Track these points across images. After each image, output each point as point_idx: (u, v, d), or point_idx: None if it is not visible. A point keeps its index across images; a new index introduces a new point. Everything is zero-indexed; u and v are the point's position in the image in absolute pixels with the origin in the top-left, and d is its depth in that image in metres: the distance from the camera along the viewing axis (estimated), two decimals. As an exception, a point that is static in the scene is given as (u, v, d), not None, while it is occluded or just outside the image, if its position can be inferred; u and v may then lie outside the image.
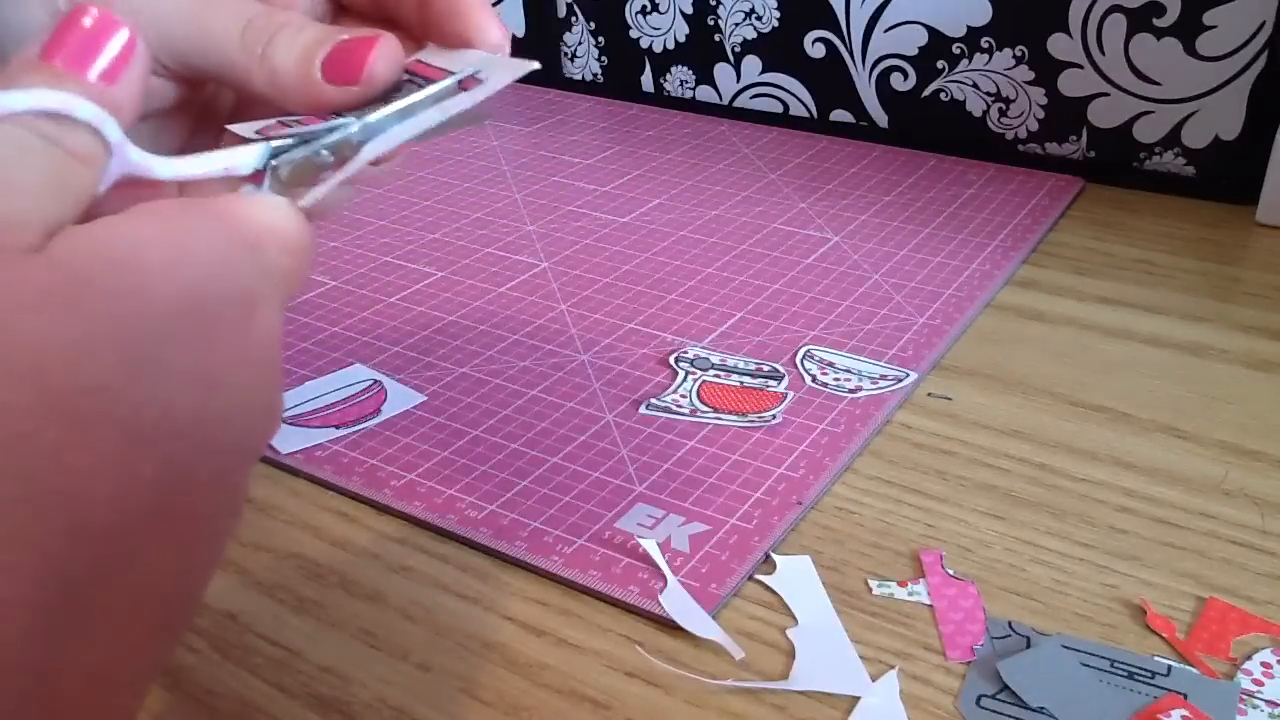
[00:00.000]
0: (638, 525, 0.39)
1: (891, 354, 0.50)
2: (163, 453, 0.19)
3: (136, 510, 0.19)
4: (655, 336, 0.52)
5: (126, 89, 0.23)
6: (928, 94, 0.74)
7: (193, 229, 0.22)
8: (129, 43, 0.23)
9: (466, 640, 0.35)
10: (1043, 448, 0.44)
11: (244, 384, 0.21)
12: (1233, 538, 0.39)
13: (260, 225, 0.23)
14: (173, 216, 0.22)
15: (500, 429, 0.45)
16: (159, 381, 0.19)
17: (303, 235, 0.24)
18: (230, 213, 0.23)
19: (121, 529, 0.19)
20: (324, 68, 0.27)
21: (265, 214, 0.23)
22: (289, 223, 0.24)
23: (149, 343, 0.19)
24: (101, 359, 0.19)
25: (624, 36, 0.85)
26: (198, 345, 0.20)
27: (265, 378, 0.22)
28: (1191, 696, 0.32)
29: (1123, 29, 0.66)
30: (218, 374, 0.20)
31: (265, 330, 0.22)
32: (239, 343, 0.21)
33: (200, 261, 0.21)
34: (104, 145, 0.22)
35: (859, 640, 0.35)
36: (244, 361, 0.21)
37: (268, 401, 0.22)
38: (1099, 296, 0.56)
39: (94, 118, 0.21)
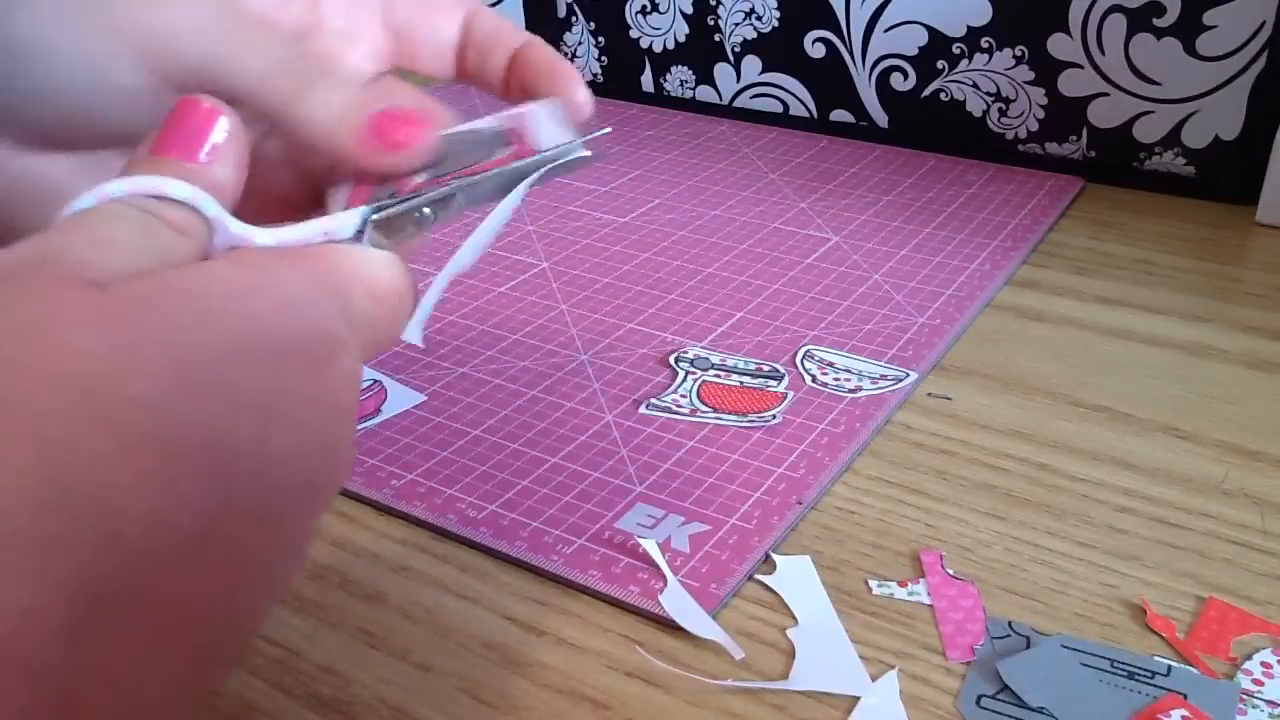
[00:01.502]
0: (638, 525, 0.39)
1: (891, 354, 0.50)
2: (210, 477, 0.19)
3: (175, 531, 0.19)
4: (655, 336, 0.52)
5: (226, 168, 0.24)
6: (928, 94, 0.74)
7: (270, 269, 0.22)
8: (228, 127, 0.24)
9: (466, 640, 0.35)
10: (1043, 448, 0.44)
11: (310, 424, 0.21)
12: (1233, 538, 0.39)
13: (347, 272, 0.23)
14: (251, 258, 0.23)
15: (500, 429, 0.45)
16: (213, 406, 0.19)
17: (395, 285, 0.24)
18: (316, 258, 0.23)
19: (157, 548, 0.18)
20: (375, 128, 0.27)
21: (354, 262, 0.24)
22: (380, 272, 0.24)
23: (206, 367, 0.19)
24: (150, 376, 0.19)
25: (624, 36, 0.85)
26: (261, 377, 0.20)
27: (335, 421, 0.22)
28: (1191, 696, 0.32)
29: (1123, 29, 0.66)
30: (281, 409, 0.20)
31: (342, 375, 0.22)
32: (309, 382, 0.21)
33: (273, 298, 0.21)
34: (202, 220, 0.23)
35: (859, 640, 0.35)
36: (312, 402, 0.21)
37: (335, 446, 0.22)
38: (1099, 296, 0.56)
39: (188, 195, 0.22)
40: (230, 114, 0.24)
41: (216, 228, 0.23)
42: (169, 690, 0.20)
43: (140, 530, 0.18)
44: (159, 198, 0.22)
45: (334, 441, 0.22)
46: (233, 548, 0.20)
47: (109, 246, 0.21)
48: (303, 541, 0.22)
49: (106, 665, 0.18)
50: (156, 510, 0.18)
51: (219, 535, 0.19)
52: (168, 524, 0.18)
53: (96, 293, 0.19)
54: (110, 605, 0.18)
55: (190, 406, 0.19)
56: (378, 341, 0.24)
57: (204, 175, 0.23)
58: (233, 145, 0.24)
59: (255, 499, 0.20)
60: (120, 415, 0.18)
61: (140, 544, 0.18)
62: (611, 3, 0.85)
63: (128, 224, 0.21)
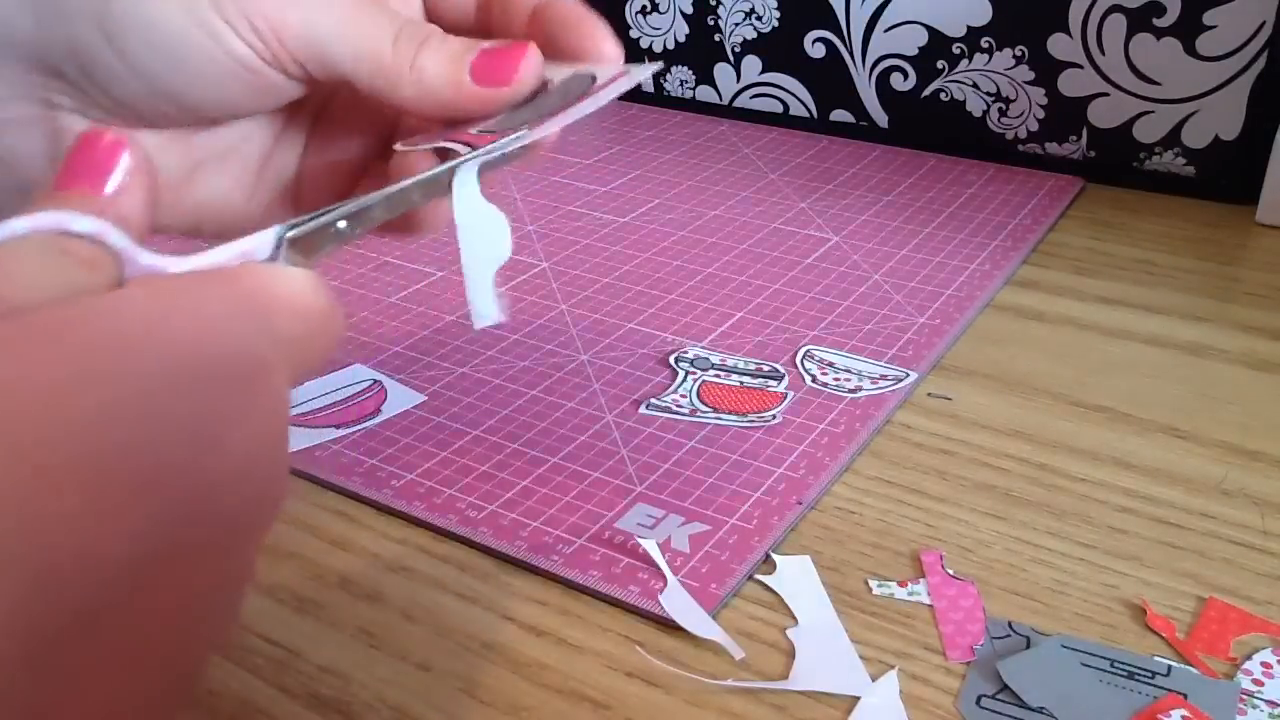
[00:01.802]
0: (638, 525, 0.39)
1: (891, 354, 0.50)
2: (145, 507, 0.18)
3: (113, 564, 0.18)
4: (655, 336, 0.52)
5: (132, 200, 0.24)
6: (928, 94, 0.74)
7: (187, 291, 0.22)
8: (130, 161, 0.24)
9: (466, 640, 0.35)
10: (1043, 448, 0.44)
11: (246, 447, 0.20)
12: (1233, 538, 0.39)
13: (267, 291, 0.23)
14: (166, 282, 0.22)
15: (500, 429, 0.45)
16: (143, 434, 0.19)
17: (318, 303, 0.24)
18: (232, 279, 0.23)
19: (93, 583, 0.18)
20: (473, 71, 0.28)
21: (274, 281, 0.23)
22: (303, 291, 0.23)
23: (129, 393, 0.19)
24: (75, 407, 0.18)
25: (624, 36, 0.85)
26: (187, 400, 0.20)
27: (270, 443, 0.21)
28: (1191, 696, 0.32)
29: (1123, 29, 0.66)
30: (211, 431, 0.20)
31: (271, 395, 0.21)
32: (237, 403, 0.20)
33: (192, 319, 0.21)
34: (109, 253, 0.22)
35: (859, 640, 0.35)
36: (242, 423, 0.20)
37: (273, 468, 0.21)
38: (1099, 296, 0.56)
39: (93, 229, 0.22)
40: (135, 145, 0.24)
41: (126, 260, 0.22)
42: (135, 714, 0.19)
43: (73, 566, 0.17)
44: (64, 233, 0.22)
45: (269, 461, 0.21)
46: (173, 578, 0.19)
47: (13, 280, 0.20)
48: (243, 570, 0.22)
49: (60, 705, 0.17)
50: (89, 545, 0.18)
51: (158, 566, 0.19)
52: (103, 556, 0.18)
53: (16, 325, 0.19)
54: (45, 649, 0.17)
55: (120, 436, 0.18)
56: (307, 360, 0.24)
57: (111, 207, 0.23)
58: (139, 177, 0.24)
59: (194, 524, 0.19)
60: (47, 450, 0.18)
61: (74, 580, 0.17)
62: (611, 3, 0.85)
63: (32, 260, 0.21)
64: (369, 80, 0.29)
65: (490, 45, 0.29)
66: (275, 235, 0.25)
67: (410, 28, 0.29)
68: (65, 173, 0.23)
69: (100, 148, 0.24)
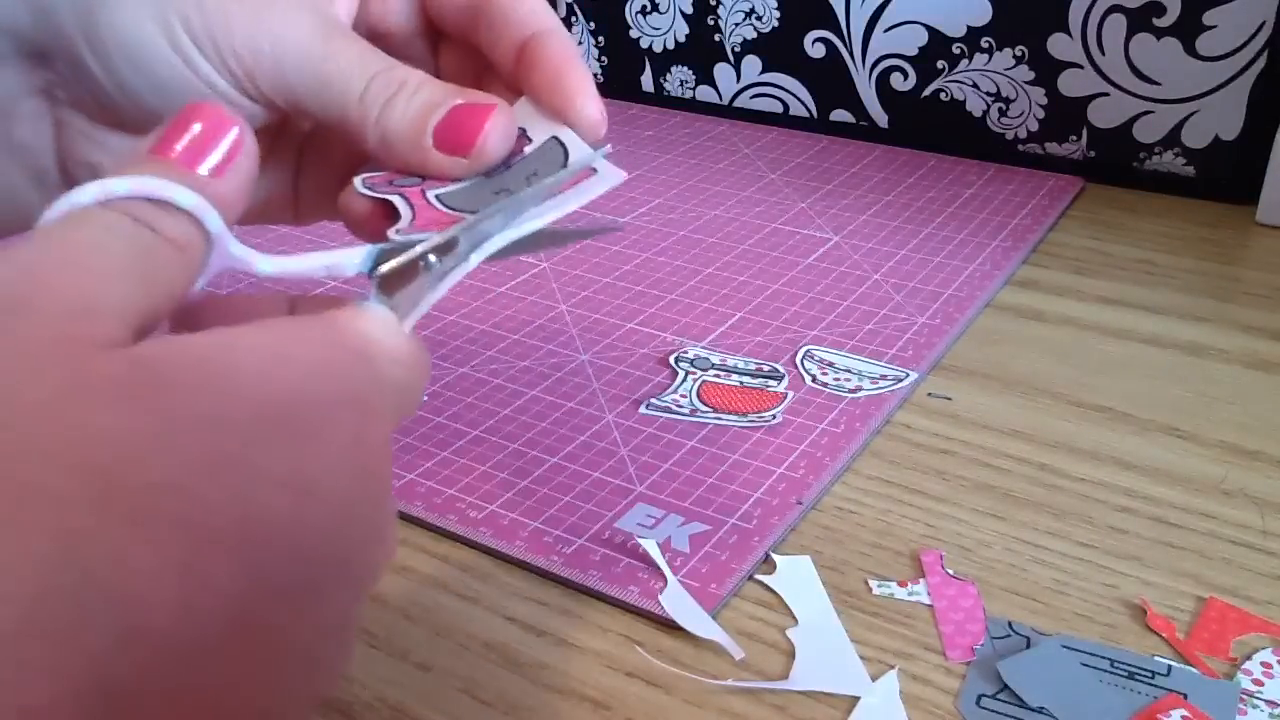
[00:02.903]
0: (638, 525, 0.39)
1: (891, 354, 0.50)
2: (243, 560, 0.18)
3: (204, 620, 0.17)
4: (655, 336, 0.52)
5: (232, 184, 0.23)
6: (928, 94, 0.74)
7: (295, 336, 0.21)
8: (237, 140, 0.23)
9: (466, 640, 0.35)
10: (1043, 448, 0.44)
11: (349, 495, 0.20)
12: (1233, 538, 0.39)
13: (369, 335, 0.22)
14: (274, 324, 0.21)
15: (500, 429, 0.45)
16: (244, 484, 0.18)
17: (413, 347, 0.23)
18: (337, 322, 0.22)
19: (183, 636, 0.17)
20: (436, 135, 0.27)
21: (372, 325, 0.23)
22: (399, 335, 0.23)
23: (234, 444, 0.18)
24: (174, 456, 0.18)
25: (624, 36, 0.85)
26: (295, 449, 0.19)
27: (374, 491, 0.21)
28: (1191, 696, 0.32)
29: (1123, 29, 0.66)
30: (316, 482, 0.19)
31: (376, 443, 0.21)
32: (346, 451, 0.20)
33: (302, 366, 0.20)
34: (203, 234, 0.22)
35: (859, 640, 0.35)
36: (348, 473, 0.20)
37: (376, 518, 0.21)
38: (1099, 296, 0.56)
39: (194, 205, 0.21)
40: (244, 125, 0.23)
41: (216, 246, 0.22)
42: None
43: (166, 621, 0.17)
44: (160, 202, 0.21)
45: (372, 514, 0.21)
46: (268, 635, 0.18)
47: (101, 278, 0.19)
48: (344, 626, 0.21)
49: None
50: (184, 599, 0.17)
51: (252, 622, 0.18)
52: (196, 613, 0.17)
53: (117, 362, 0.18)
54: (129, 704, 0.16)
55: (219, 487, 0.18)
56: (405, 405, 0.23)
57: (210, 187, 0.22)
58: (244, 160, 0.23)
59: (290, 581, 0.19)
60: (145, 501, 0.17)
61: (164, 636, 0.17)
62: (611, 3, 0.85)
63: (120, 243, 0.20)
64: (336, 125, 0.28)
65: (461, 102, 0.28)
66: (363, 256, 0.24)
67: (382, 78, 0.28)
68: (165, 140, 0.22)
69: (209, 120, 0.23)
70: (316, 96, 0.28)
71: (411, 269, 0.25)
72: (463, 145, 0.27)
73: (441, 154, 0.27)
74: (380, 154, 0.28)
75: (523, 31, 0.30)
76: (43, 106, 0.29)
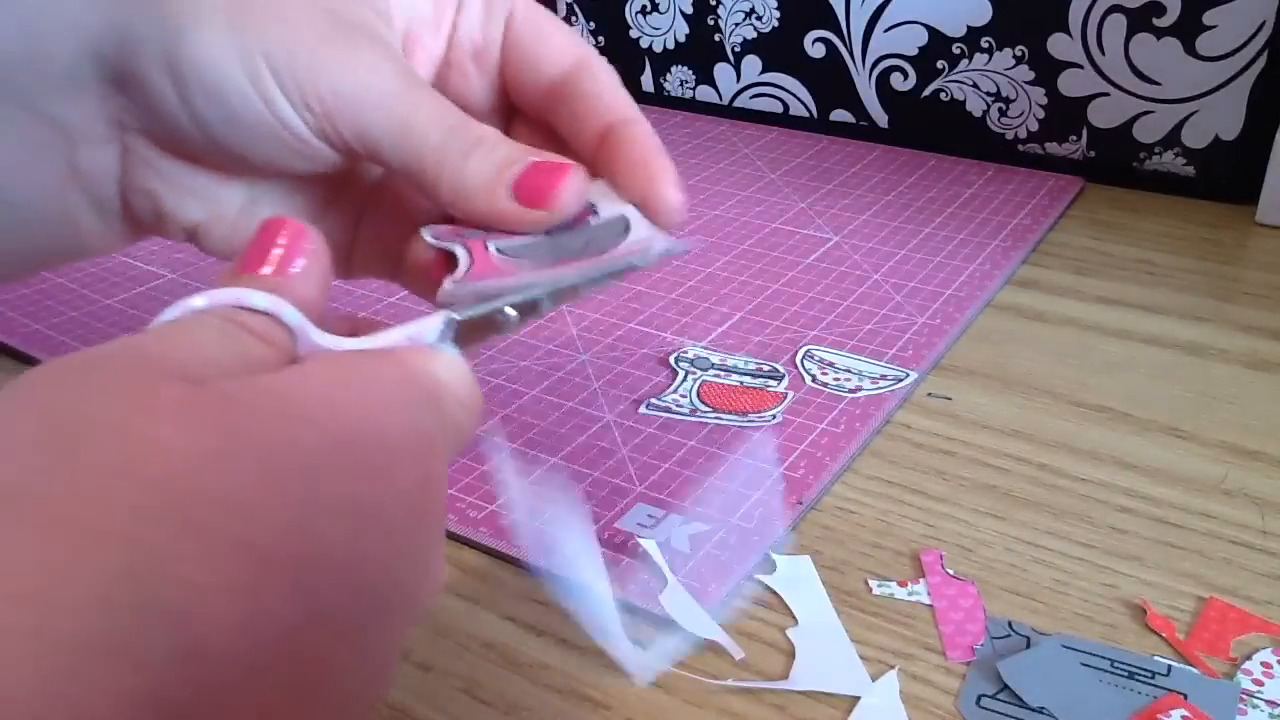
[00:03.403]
0: (638, 525, 0.39)
1: (891, 354, 0.50)
2: (298, 583, 0.18)
3: (257, 641, 0.17)
4: (655, 336, 0.52)
5: (308, 282, 0.24)
6: (928, 94, 0.74)
7: (369, 372, 0.22)
8: (313, 246, 0.24)
9: (466, 640, 0.35)
10: (1043, 448, 0.44)
11: (402, 530, 0.20)
12: (1233, 538, 0.39)
13: (439, 376, 0.23)
14: (343, 358, 0.22)
15: (500, 429, 0.45)
16: (305, 509, 0.18)
17: (476, 391, 0.24)
18: (407, 361, 0.23)
19: (237, 658, 0.17)
20: (514, 188, 0.28)
21: (443, 367, 0.24)
22: (461, 376, 0.24)
23: (296, 469, 0.19)
24: (236, 476, 0.18)
25: (624, 36, 0.85)
26: (359, 482, 0.19)
27: (427, 528, 0.21)
28: (1191, 696, 0.32)
29: (1123, 29, 0.66)
30: (375, 514, 0.20)
31: (435, 477, 0.21)
32: (404, 486, 0.20)
33: (374, 402, 0.21)
34: (283, 329, 0.23)
35: (859, 640, 0.35)
36: (406, 507, 0.20)
37: (425, 555, 0.21)
38: (1099, 296, 0.56)
39: (269, 305, 0.22)
40: (316, 233, 0.25)
41: (299, 336, 0.23)
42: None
43: (222, 641, 0.17)
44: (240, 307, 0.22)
45: (424, 550, 0.21)
46: (318, 663, 0.19)
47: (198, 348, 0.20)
48: (387, 658, 0.21)
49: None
50: (241, 620, 0.17)
51: (301, 649, 0.18)
52: (250, 635, 0.17)
53: (189, 388, 0.19)
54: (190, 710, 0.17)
55: (281, 511, 0.18)
56: (462, 443, 0.24)
57: (288, 288, 0.23)
58: (318, 263, 0.24)
59: (343, 611, 0.19)
60: (209, 518, 0.17)
61: (218, 654, 0.17)
62: (611, 3, 0.85)
63: (212, 331, 0.21)
64: (411, 176, 0.29)
65: (539, 159, 0.28)
66: (443, 321, 0.25)
67: (461, 130, 0.28)
68: (247, 257, 0.24)
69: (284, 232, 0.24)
70: (394, 142, 0.28)
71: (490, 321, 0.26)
72: (539, 198, 0.28)
73: (516, 205, 0.28)
74: (453, 203, 0.29)
75: (607, 118, 0.31)
76: (113, 133, 0.29)
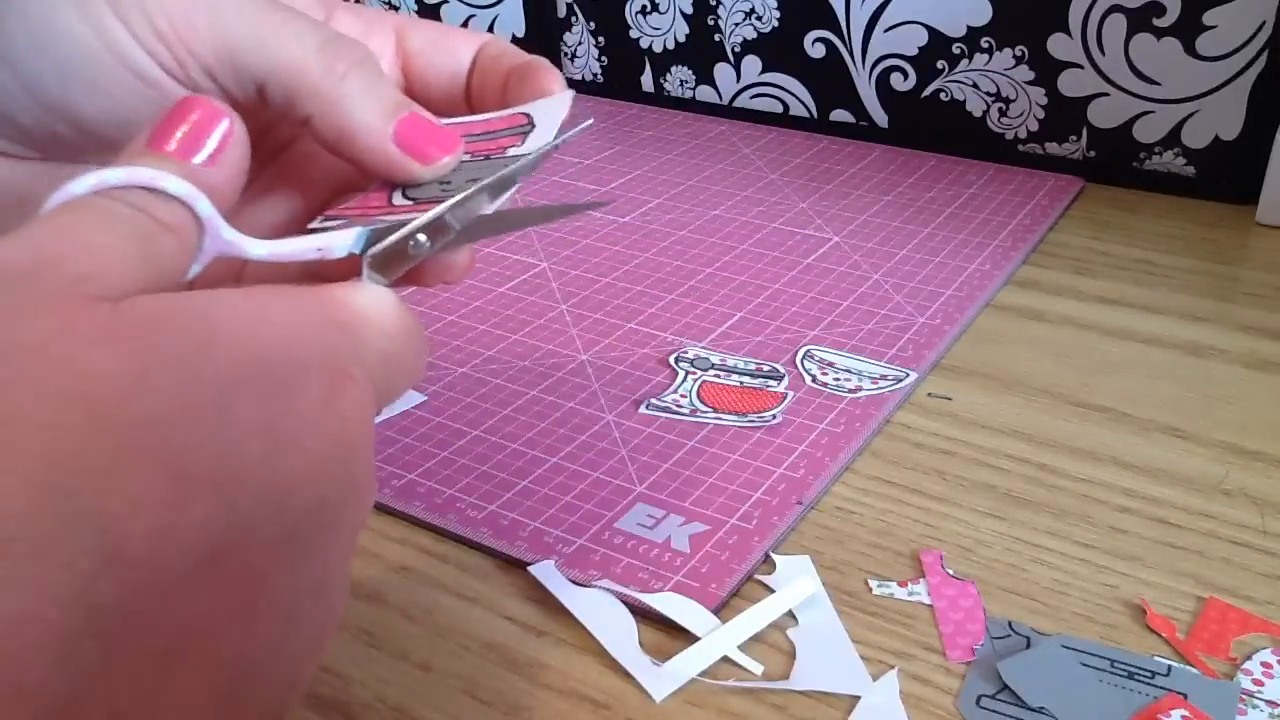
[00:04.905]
0: (638, 525, 0.39)
1: (891, 354, 0.50)
2: (219, 498, 0.19)
3: (181, 550, 0.18)
4: (655, 336, 0.52)
5: (224, 172, 0.23)
6: (928, 94, 0.74)
7: (279, 300, 0.22)
8: (228, 130, 0.23)
9: (466, 640, 0.35)
10: (1043, 448, 0.44)
11: (319, 452, 0.21)
12: (1233, 538, 0.39)
13: (356, 308, 0.23)
14: (259, 289, 0.22)
15: (500, 429, 0.45)
16: (221, 428, 0.19)
17: (403, 322, 0.24)
18: (324, 294, 0.23)
19: (162, 565, 0.18)
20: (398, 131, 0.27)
21: (362, 299, 0.23)
22: (388, 309, 0.24)
23: (212, 389, 0.19)
24: (157, 394, 0.18)
25: (624, 36, 0.85)
26: (268, 402, 0.20)
27: (346, 450, 0.21)
28: (1191, 696, 0.32)
29: (1123, 29, 0.66)
30: (290, 435, 0.20)
31: (353, 407, 0.22)
32: (318, 412, 0.21)
33: (281, 328, 0.21)
34: (195, 220, 0.22)
35: (859, 640, 0.35)
36: (321, 431, 0.21)
37: (349, 475, 0.21)
38: (1099, 296, 0.56)
39: (184, 193, 0.22)
40: (235, 117, 0.24)
41: (209, 230, 0.23)
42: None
43: (144, 547, 0.18)
44: (153, 190, 0.22)
45: (345, 467, 0.21)
46: (245, 573, 0.19)
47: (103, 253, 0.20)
48: (326, 577, 0.21)
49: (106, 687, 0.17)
50: (161, 528, 0.18)
51: (229, 558, 0.19)
52: (173, 542, 0.18)
53: (107, 309, 0.19)
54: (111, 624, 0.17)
55: (197, 427, 0.19)
56: (393, 377, 0.24)
57: (202, 176, 0.23)
58: (234, 149, 0.24)
59: (265, 522, 0.20)
60: (127, 433, 0.18)
61: (143, 561, 0.18)
62: (611, 3, 0.85)
63: (120, 225, 0.21)
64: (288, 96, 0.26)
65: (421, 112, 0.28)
66: (355, 237, 0.25)
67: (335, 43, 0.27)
68: (159, 134, 0.23)
69: (200, 112, 0.23)
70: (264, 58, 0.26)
71: (402, 250, 0.25)
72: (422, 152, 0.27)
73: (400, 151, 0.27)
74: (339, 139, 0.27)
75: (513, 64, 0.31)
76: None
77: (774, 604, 0.35)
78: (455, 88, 0.32)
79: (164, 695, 0.18)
